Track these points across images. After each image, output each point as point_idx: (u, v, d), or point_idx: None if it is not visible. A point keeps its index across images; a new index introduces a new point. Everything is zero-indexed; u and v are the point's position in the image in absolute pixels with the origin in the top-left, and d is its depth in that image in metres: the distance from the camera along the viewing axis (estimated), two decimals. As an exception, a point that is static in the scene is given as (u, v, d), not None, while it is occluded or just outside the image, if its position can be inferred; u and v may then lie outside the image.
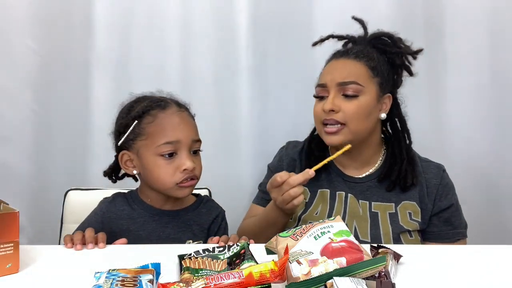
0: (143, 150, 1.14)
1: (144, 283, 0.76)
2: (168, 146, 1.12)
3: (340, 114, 1.23)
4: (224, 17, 1.72)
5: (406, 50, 1.31)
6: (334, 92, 1.24)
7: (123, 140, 1.15)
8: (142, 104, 1.17)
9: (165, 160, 1.12)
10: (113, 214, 1.19)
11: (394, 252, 0.92)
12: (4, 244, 0.87)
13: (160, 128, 1.13)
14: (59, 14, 1.70)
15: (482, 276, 0.90)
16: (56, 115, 1.73)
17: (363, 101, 1.23)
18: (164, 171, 1.12)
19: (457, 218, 1.31)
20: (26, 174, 1.72)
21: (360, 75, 1.24)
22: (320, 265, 0.77)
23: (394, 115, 1.33)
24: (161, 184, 1.14)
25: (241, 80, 1.73)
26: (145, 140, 1.13)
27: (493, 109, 1.74)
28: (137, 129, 1.14)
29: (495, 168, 1.76)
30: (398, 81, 1.34)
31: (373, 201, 1.29)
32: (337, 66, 1.28)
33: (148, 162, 1.14)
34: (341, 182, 1.33)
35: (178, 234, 1.18)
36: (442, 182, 1.30)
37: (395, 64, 1.31)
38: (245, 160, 1.74)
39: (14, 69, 1.68)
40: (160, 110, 1.15)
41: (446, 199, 1.30)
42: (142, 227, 1.17)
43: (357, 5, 1.66)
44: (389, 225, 1.26)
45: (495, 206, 1.76)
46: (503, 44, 1.72)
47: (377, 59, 1.28)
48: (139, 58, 1.72)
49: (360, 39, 1.35)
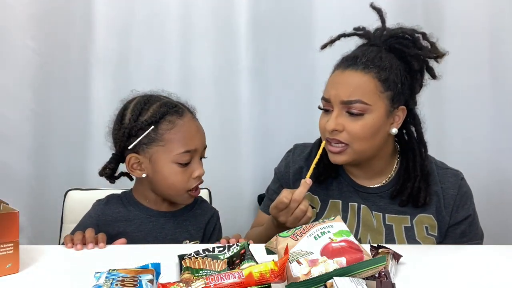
0: (158, 156, 1.12)
1: (144, 283, 0.76)
2: (187, 155, 1.12)
3: (343, 134, 1.14)
4: (224, 17, 1.72)
5: (426, 53, 1.18)
6: (338, 110, 1.14)
7: (133, 144, 1.12)
8: (156, 107, 1.14)
9: (180, 167, 1.12)
10: (109, 217, 1.18)
11: (394, 252, 0.92)
12: (4, 244, 0.87)
13: (180, 136, 1.12)
14: (59, 14, 1.70)
15: (482, 276, 0.90)
16: (56, 115, 1.73)
17: (369, 120, 1.13)
18: (180, 178, 1.12)
19: (473, 229, 1.24)
20: (26, 174, 1.72)
21: (366, 91, 1.13)
22: (320, 265, 0.77)
23: (409, 127, 1.23)
24: (174, 190, 1.14)
25: (241, 80, 1.73)
26: (163, 147, 1.12)
27: (493, 109, 1.74)
28: (153, 134, 1.12)
29: (495, 168, 1.76)
30: (415, 87, 1.21)
31: (387, 213, 1.22)
32: (342, 80, 1.16)
33: (163, 168, 1.12)
34: (352, 192, 1.26)
35: (175, 234, 1.18)
36: (459, 192, 1.22)
37: (413, 69, 1.18)
38: (245, 161, 1.74)
39: (14, 69, 1.68)
40: (178, 116, 1.13)
41: (464, 210, 1.22)
42: (139, 228, 1.17)
43: (357, 5, 1.66)
44: (405, 240, 1.19)
45: (495, 206, 1.76)
46: (503, 44, 1.72)
47: (390, 68, 1.15)
48: (139, 58, 1.72)
49: (376, 37, 1.22)
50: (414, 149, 1.22)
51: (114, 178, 1.23)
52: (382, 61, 1.16)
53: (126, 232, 1.15)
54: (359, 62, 1.15)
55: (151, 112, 1.13)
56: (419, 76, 1.21)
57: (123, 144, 1.14)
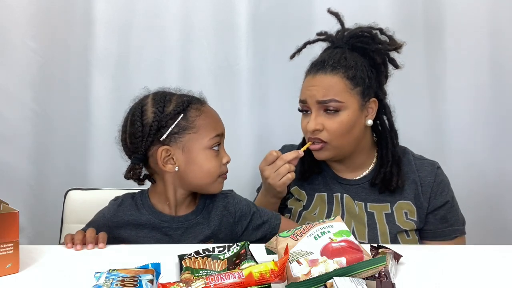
0: (191, 144, 1.11)
1: (144, 283, 0.76)
2: (217, 139, 1.14)
3: (324, 133, 1.24)
4: (224, 17, 1.72)
5: (386, 47, 1.28)
6: (316, 110, 1.25)
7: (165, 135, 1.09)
8: (177, 97, 1.14)
9: (214, 152, 1.13)
10: (121, 219, 1.15)
11: (394, 252, 0.92)
12: (4, 244, 0.87)
13: (209, 121, 1.13)
14: (59, 14, 1.70)
15: (482, 276, 0.90)
16: (56, 115, 1.73)
17: (345, 116, 1.23)
18: (214, 164, 1.13)
19: (453, 214, 1.31)
20: (26, 174, 1.72)
21: (338, 90, 1.22)
22: (320, 265, 0.77)
23: (381, 117, 1.31)
24: (209, 177, 1.13)
25: (241, 80, 1.73)
26: (195, 134, 1.11)
27: (493, 109, 1.74)
28: (183, 123, 1.11)
29: (495, 168, 1.76)
30: (381, 79, 1.30)
31: (369, 202, 1.30)
32: (314, 83, 1.25)
33: (197, 155, 1.12)
34: (336, 184, 1.34)
35: (188, 240, 1.14)
36: (436, 179, 1.30)
37: (376, 63, 1.27)
38: (245, 161, 1.74)
39: (14, 69, 1.68)
40: (201, 104, 1.15)
41: (441, 196, 1.29)
42: (150, 233, 1.13)
43: (357, 5, 1.66)
44: (386, 225, 1.26)
45: (495, 206, 1.76)
46: (503, 44, 1.72)
47: (355, 66, 1.24)
48: (139, 58, 1.72)
49: (338, 39, 1.31)
50: (387, 137, 1.31)
51: (142, 180, 1.18)
52: (347, 61, 1.25)
53: (138, 237, 1.13)
54: (327, 65, 1.25)
55: (176, 102, 1.12)
56: (383, 69, 1.30)
57: (151, 139, 1.10)
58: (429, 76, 1.73)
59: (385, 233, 1.25)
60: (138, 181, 1.17)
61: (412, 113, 1.70)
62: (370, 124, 1.28)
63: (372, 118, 1.28)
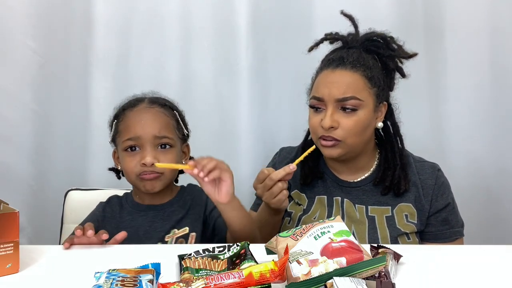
0: (118, 146, 1.25)
1: (144, 283, 0.76)
2: (129, 142, 1.20)
3: (338, 131, 1.21)
4: (224, 17, 1.72)
5: (399, 54, 1.28)
6: (333, 107, 1.21)
7: (110, 139, 1.27)
8: (121, 103, 1.28)
9: (128, 154, 1.21)
10: (108, 214, 1.27)
11: (394, 252, 0.92)
12: (4, 244, 0.87)
13: (125, 125, 1.22)
14: (59, 14, 1.70)
15: (482, 276, 0.90)
16: (56, 115, 1.73)
17: (362, 115, 1.21)
18: (127, 164, 1.21)
19: (454, 216, 1.30)
20: (26, 174, 1.72)
21: (358, 88, 1.21)
22: (320, 265, 0.77)
23: (388, 121, 1.31)
24: (127, 176, 1.23)
25: (241, 80, 1.73)
26: (119, 137, 1.24)
27: (493, 109, 1.74)
28: (116, 128, 1.25)
29: (495, 168, 1.76)
30: (392, 85, 1.31)
31: (369, 205, 1.29)
32: (334, 79, 1.22)
33: (120, 157, 1.24)
34: (336, 187, 1.33)
35: (165, 226, 1.22)
36: (437, 182, 1.29)
37: (389, 68, 1.28)
38: (244, 161, 1.73)
39: (14, 69, 1.68)
40: (130, 109, 1.24)
41: (443, 199, 1.29)
42: (130, 224, 1.23)
43: (357, 5, 1.66)
44: (387, 228, 1.25)
45: (495, 206, 1.76)
46: (503, 44, 1.72)
47: (373, 67, 1.24)
48: (139, 58, 1.72)
49: (353, 41, 1.30)
50: (393, 141, 1.31)
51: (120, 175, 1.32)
52: (366, 61, 1.24)
53: (119, 228, 1.16)
54: (347, 62, 1.23)
55: (116, 109, 1.28)
56: (393, 74, 1.31)
57: (110, 140, 1.28)
58: (429, 76, 1.73)
59: (386, 236, 1.24)
60: (117, 176, 1.32)
61: (412, 113, 1.69)
62: (380, 126, 1.27)
63: (381, 121, 1.28)
